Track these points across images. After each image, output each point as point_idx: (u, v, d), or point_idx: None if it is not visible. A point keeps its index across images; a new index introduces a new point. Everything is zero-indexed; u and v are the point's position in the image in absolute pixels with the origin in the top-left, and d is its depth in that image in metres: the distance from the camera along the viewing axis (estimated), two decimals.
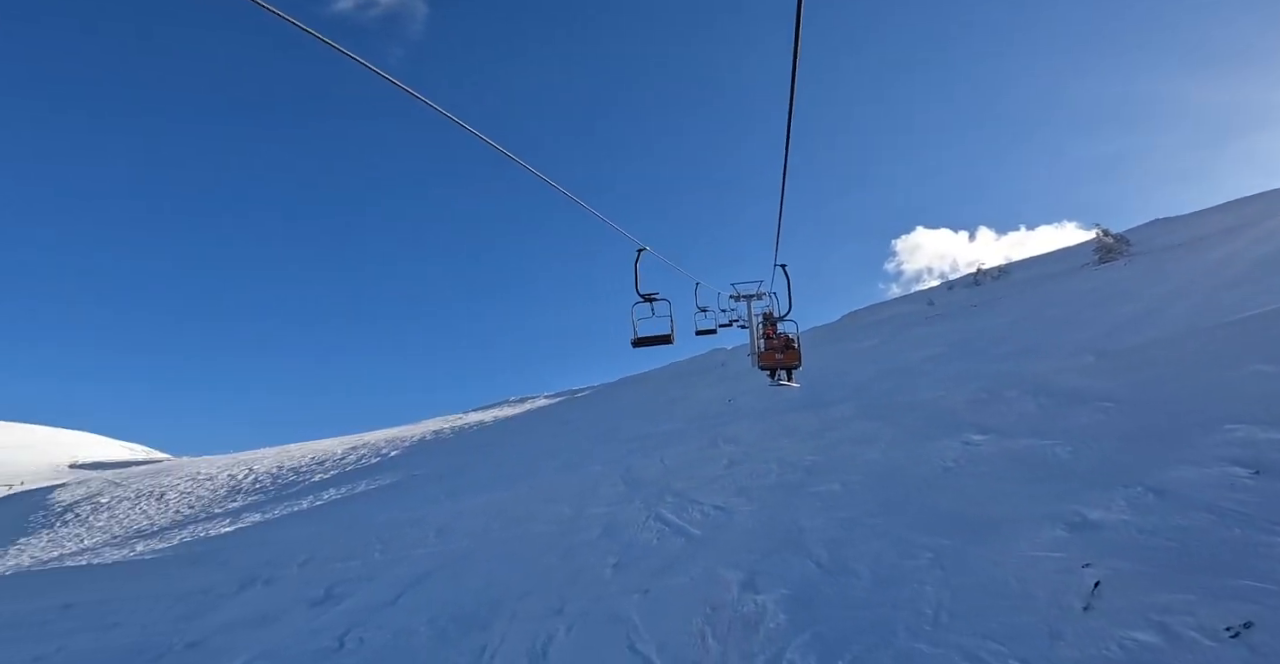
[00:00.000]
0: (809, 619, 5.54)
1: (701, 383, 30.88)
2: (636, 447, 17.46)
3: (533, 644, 6.30)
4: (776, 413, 16.35)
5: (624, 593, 7.19)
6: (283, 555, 14.05)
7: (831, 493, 8.58)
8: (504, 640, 6.53)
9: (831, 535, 7.11)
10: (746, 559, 7.15)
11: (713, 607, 6.28)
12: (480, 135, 3.56)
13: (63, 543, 27.99)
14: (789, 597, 6.02)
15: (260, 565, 13.56)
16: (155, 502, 35.59)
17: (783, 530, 7.73)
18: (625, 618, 6.47)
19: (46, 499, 39.80)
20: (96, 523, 31.95)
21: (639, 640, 5.95)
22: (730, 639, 5.65)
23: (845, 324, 47.96)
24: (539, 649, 6.16)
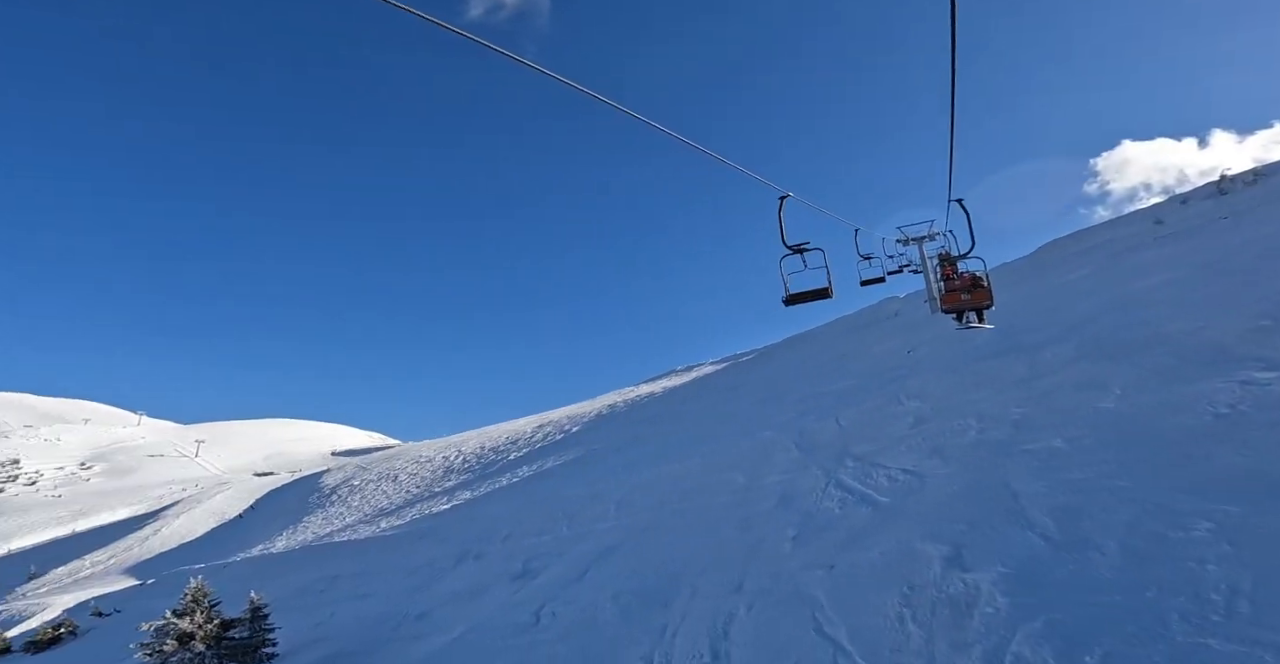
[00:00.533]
0: (1037, 603, 4.65)
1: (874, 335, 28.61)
2: (808, 408, 16.60)
3: (713, 623, 6.13)
4: (969, 361, 14.43)
5: (806, 568, 6.73)
6: (488, 531, 15.67)
7: (1051, 451, 7.22)
8: (684, 619, 6.46)
9: (1059, 502, 5.95)
10: (948, 530, 6.28)
11: (911, 585, 5.58)
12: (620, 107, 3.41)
13: (331, 520, 34.35)
14: (1008, 576, 5.13)
15: (471, 541, 15.26)
16: (391, 483, 42.08)
17: (991, 496, 6.66)
18: (809, 597, 6.03)
19: (318, 483, 48.97)
20: (353, 502, 38.70)
21: (826, 622, 5.49)
22: (935, 624, 4.95)
23: (1043, 256, 41.29)
24: (719, 629, 5.97)
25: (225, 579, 21.72)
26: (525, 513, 16.49)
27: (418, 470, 44.05)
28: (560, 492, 18.81)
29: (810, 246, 5.13)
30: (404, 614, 10.13)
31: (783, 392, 21.71)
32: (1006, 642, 4.40)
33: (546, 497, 18.49)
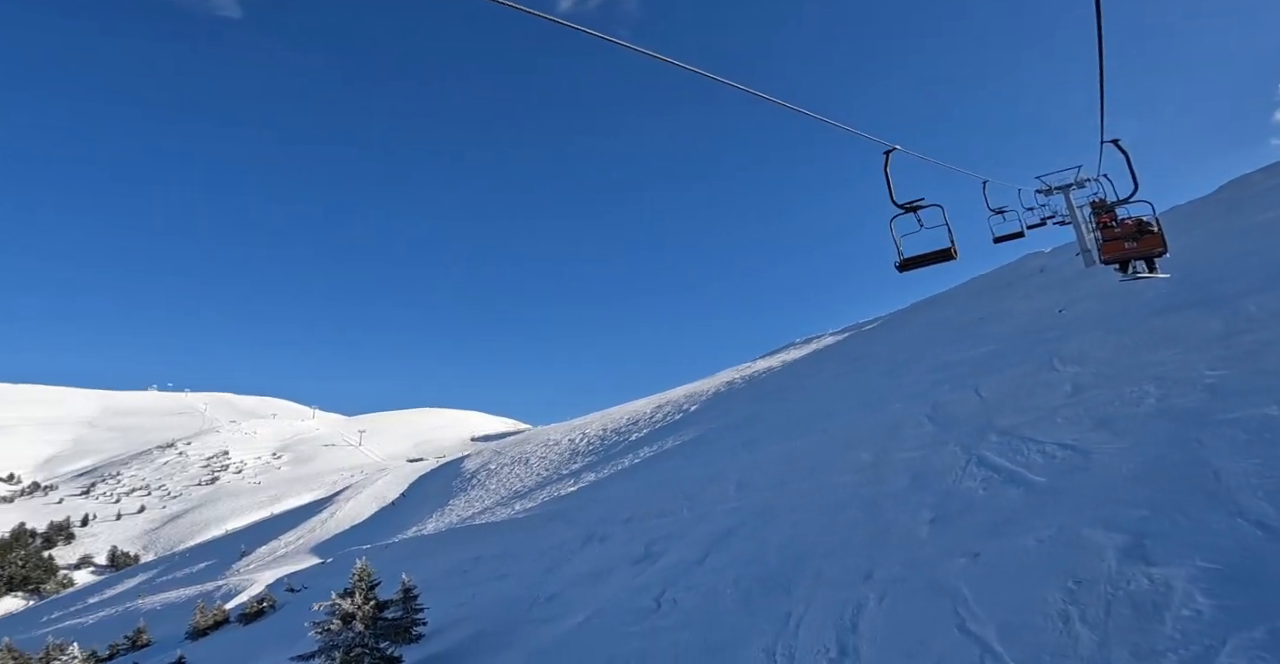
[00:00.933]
0: (1254, 607, 3.79)
1: (1014, 295, 25.62)
2: (942, 378, 15.19)
3: (840, 614, 5.70)
4: (1142, 318, 12.40)
5: (945, 556, 6.07)
6: (611, 513, 16.04)
7: (1264, 420, 5.92)
8: (809, 607, 6.08)
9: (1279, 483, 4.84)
10: (1124, 516, 5.35)
11: (1077, 580, 4.81)
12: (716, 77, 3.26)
13: (473, 503, 37.16)
14: (1212, 572, 4.24)
15: (596, 523, 15.70)
16: (523, 466, 44.65)
17: (1182, 475, 5.59)
18: (950, 588, 5.42)
19: (460, 467, 53.13)
20: (490, 485, 41.59)
21: (971, 618, 4.88)
22: (1112, 626, 4.21)
23: (1226, 196, 34.66)
24: (847, 620, 5.54)
25: (386, 559, 24.22)
26: (646, 494, 16.68)
27: (546, 453, 46.34)
28: (679, 472, 18.84)
29: (925, 203, 4.50)
30: (536, 596, 10.59)
31: (911, 361, 20.10)
32: (1213, 653, 3.63)
33: (666, 477, 18.60)
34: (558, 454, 44.67)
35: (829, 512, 8.88)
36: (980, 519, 6.62)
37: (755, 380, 37.01)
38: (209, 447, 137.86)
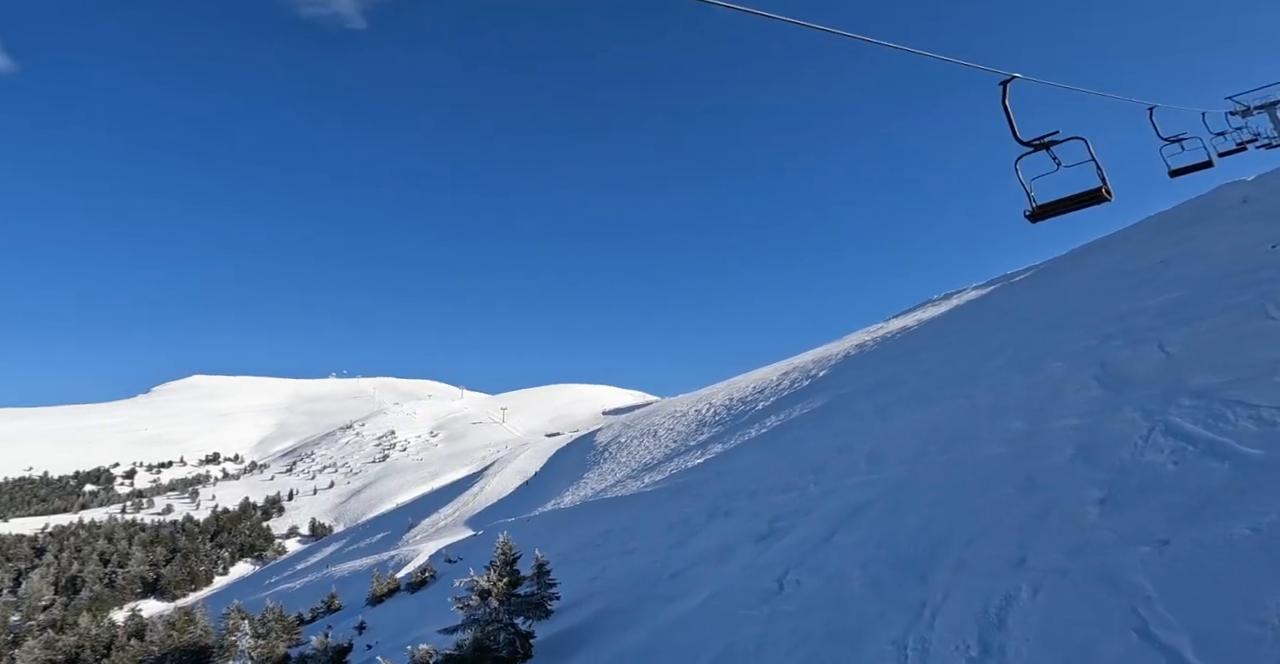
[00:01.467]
0: None
1: (1207, 233, 21.39)
2: (1114, 332, 13.08)
3: (984, 606, 5.05)
4: None
5: (1122, 543, 5.16)
6: (737, 487, 15.81)
7: None
8: (947, 597, 5.47)
9: None
10: None
11: None
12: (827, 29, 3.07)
13: (605, 476, 38.68)
14: None
15: (721, 496, 15.57)
16: (652, 438, 45.63)
17: None
18: (1127, 583, 4.58)
19: (593, 441, 55.51)
20: (621, 458, 43.02)
21: (1155, 622, 4.08)
22: None
23: None
24: (993, 614, 4.89)
25: (526, 532, 25.95)
26: (771, 467, 16.25)
27: (674, 425, 46.96)
28: (806, 442, 18.14)
29: (1061, 138, 3.65)
30: (661, 573, 10.68)
31: (1073, 313, 17.58)
32: None
33: (793, 448, 17.99)
34: (685, 425, 45.10)
35: (973, 489, 7.99)
36: (1169, 500, 5.55)
37: (888, 341, 34.64)
38: (379, 427, 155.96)
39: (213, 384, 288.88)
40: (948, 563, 6.17)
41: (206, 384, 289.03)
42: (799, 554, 8.27)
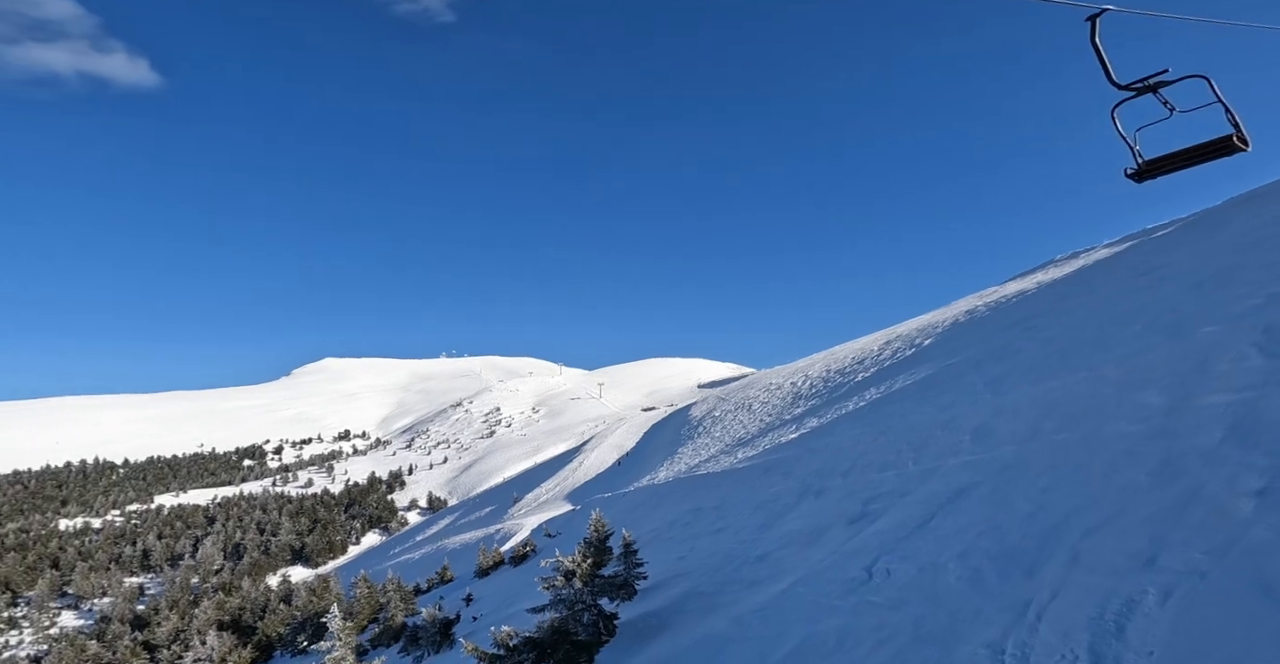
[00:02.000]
0: None
1: None
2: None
3: (1100, 610, 4.47)
4: None
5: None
6: (830, 464, 15.23)
7: None
8: (1056, 596, 4.90)
9: None
10: None
11: None
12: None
13: (699, 451, 38.76)
14: None
15: (813, 475, 15.07)
16: (746, 412, 45.11)
17: None
18: None
19: (688, 415, 55.74)
20: (715, 433, 42.90)
21: None
22: None
23: None
24: (1109, 620, 4.31)
25: (620, 509, 26.55)
26: (868, 443, 15.48)
27: (769, 398, 46.14)
28: (908, 417, 17.12)
29: (1172, 77, 2.88)
30: (747, 555, 10.51)
31: (1233, 268, 15.21)
32: None
33: (892, 423, 17.05)
34: (780, 399, 44.20)
35: (1097, 472, 7.13)
36: None
37: (1002, 307, 31.91)
38: (485, 404, 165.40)
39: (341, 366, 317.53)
40: (1060, 557, 5.54)
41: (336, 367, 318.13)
42: (892, 540, 7.79)
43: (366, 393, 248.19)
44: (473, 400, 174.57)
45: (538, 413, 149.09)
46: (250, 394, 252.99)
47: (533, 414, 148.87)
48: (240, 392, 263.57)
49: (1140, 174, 3.02)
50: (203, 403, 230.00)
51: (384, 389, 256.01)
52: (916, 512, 8.51)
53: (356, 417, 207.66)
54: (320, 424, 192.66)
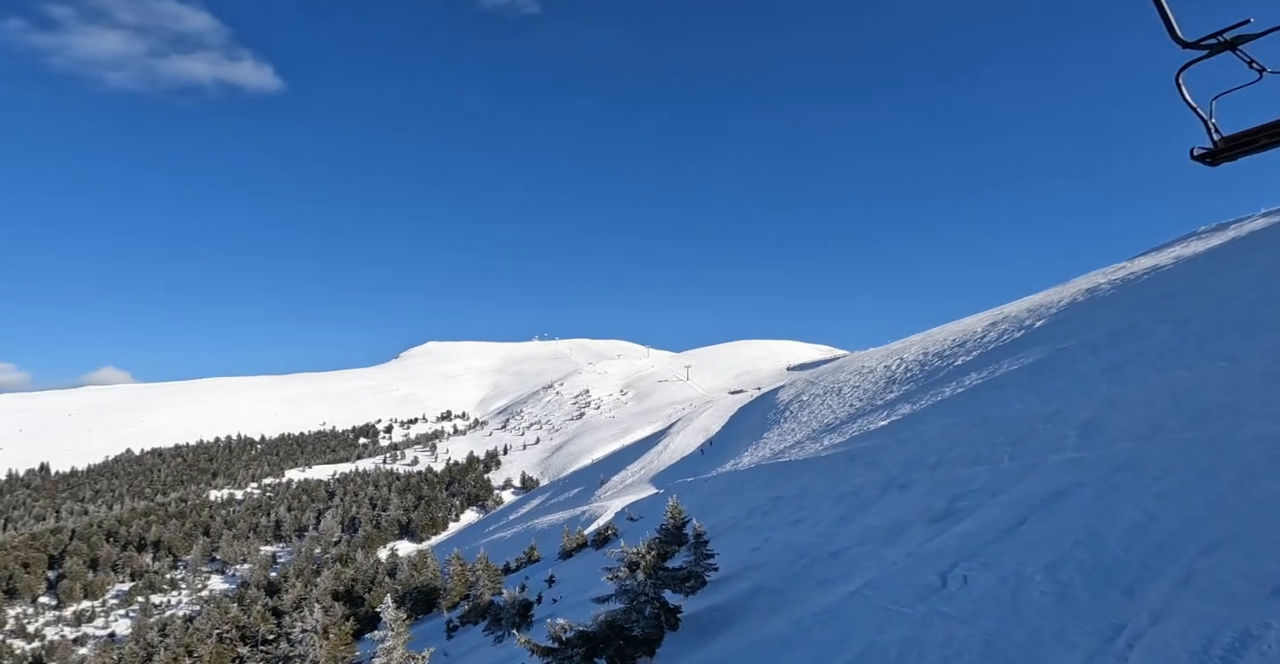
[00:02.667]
0: None
1: None
2: None
3: (1208, 641, 3.88)
4: None
5: None
6: (918, 456, 14.38)
7: None
8: (1156, 622, 4.31)
9: None
10: None
11: None
12: None
13: (785, 436, 37.93)
14: None
15: (899, 466, 14.28)
16: (836, 396, 43.60)
17: None
18: None
19: (774, 399, 54.71)
20: (802, 417, 41.81)
21: None
22: None
23: None
24: (1216, 657, 3.73)
25: (701, 495, 26.50)
26: (961, 434, 14.45)
27: (860, 382, 44.37)
28: (1009, 407, 15.84)
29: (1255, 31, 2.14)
30: (822, 550, 10.13)
31: None
32: None
33: (990, 413, 15.83)
34: (872, 383, 42.43)
35: (1228, 480, 6.24)
36: None
37: (1130, 284, 28.72)
38: (575, 386, 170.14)
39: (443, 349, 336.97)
40: (1169, 576, 4.88)
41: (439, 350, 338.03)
42: (975, 544, 7.21)
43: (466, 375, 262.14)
44: (563, 383, 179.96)
45: (625, 395, 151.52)
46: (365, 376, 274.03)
47: (621, 396, 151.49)
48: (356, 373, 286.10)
49: (1216, 155, 2.34)
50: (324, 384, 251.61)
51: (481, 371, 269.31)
52: (1006, 513, 7.82)
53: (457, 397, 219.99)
54: (425, 405, 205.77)
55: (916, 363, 40.57)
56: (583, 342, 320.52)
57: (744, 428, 51.34)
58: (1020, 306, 40.25)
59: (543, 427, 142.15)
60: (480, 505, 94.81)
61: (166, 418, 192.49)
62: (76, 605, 71.74)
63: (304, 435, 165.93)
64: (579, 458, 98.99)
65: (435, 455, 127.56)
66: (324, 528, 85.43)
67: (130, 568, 78.80)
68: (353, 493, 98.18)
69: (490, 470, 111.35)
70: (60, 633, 65.12)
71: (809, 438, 31.81)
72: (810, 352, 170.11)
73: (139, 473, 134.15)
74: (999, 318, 39.48)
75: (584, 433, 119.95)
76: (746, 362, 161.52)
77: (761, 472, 24.50)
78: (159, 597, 73.88)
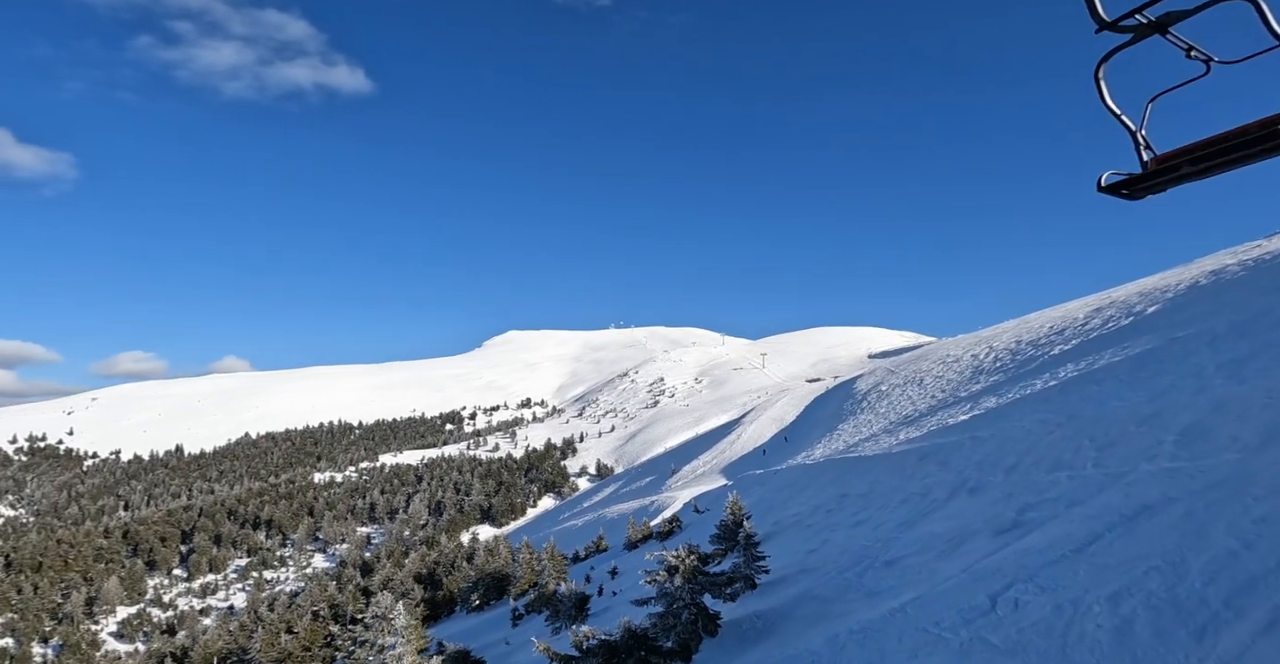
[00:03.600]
0: None
1: None
2: None
3: None
4: None
5: None
6: (994, 456, 13.41)
7: None
8: None
9: None
10: None
11: None
12: None
13: (860, 429, 36.53)
14: None
15: (972, 468, 13.38)
16: (916, 387, 41.54)
17: None
18: None
19: (852, 389, 52.84)
20: (879, 409, 40.12)
21: None
22: None
23: None
24: None
25: (770, 488, 25.97)
26: (1045, 434, 13.32)
27: (943, 372, 42.13)
28: (1105, 404, 14.45)
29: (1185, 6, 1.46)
30: (877, 557, 9.65)
31: None
32: None
33: (1081, 411, 14.50)
34: (956, 373, 40.20)
35: None
36: None
37: (1264, 266, 25.49)
38: (650, 374, 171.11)
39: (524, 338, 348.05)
40: (1252, 618, 4.25)
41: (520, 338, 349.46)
42: (1037, 563, 6.60)
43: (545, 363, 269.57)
44: (638, 370, 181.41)
45: (700, 383, 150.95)
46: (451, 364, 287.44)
47: (695, 384, 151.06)
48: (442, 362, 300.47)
49: (1139, 182, 1.72)
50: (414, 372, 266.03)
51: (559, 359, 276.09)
52: (1079, 529, 7.12)
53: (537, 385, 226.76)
54: (507, 392, 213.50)
55: (1007, 352, 38.04)
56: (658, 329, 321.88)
57: (819, 418, 49.92)
58: (1131, 290, 36.80)
59: (617, 414, 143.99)
60: (557, 492, 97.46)
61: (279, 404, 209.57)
62: (203, 578, 79.93)
63: (396, 421, 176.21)
64: (652, 446, 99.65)
65: (515, 442, 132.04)
66: (413, 511, 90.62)
67: (247, 544, 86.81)
68: (439, 478, 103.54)
69: (566, 457, 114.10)
70: (189, 604, 72.84)
71: (885, 431, 30.51)
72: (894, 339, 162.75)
73: (255, 455, 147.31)
74: (1105, 303, 36.29)
75: (658, 421, 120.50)
76: (825, 349, 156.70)
77: (831, 466, 23.69)
78: (270, 572, 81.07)
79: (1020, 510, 8.90)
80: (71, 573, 72.66)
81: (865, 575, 8.97)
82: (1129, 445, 9.79)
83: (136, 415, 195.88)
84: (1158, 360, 17.46)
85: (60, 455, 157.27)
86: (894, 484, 15.74)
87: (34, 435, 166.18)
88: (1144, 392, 14.03)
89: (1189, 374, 14.11)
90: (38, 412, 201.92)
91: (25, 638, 59.68)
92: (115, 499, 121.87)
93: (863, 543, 11.27)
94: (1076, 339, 31.27)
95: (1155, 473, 8.11)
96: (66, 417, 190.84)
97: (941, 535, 9.45)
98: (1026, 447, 12.84)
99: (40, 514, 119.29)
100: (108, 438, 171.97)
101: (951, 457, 15.60)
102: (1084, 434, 11.62)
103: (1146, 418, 10.80)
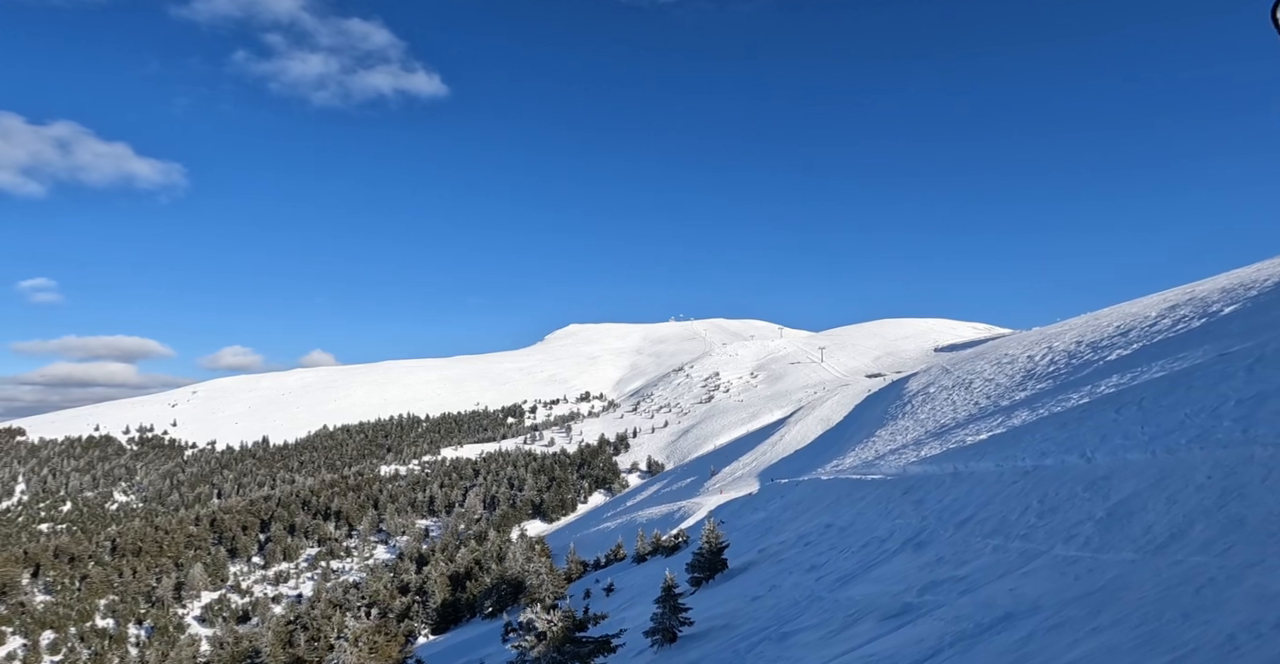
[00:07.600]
0: None
1: None
2: None
3: None
4: None
5: None
6: (960, 502, 12.47)
7: None
8: None
9: None
10: None
11: None
12: None
13: (895, 437, 34.92)
14: None
15: (934, 515, 12.48)
16: (964, 391, 39.28)
17: None
18: None
19: (903, 389, 50.62)
20: (920, 414, 38.21)
21: None
22: None
23: None
24: None
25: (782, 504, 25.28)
26: (1010, 481, 12.19)
27: (994, 375, 39.78)
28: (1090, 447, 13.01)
29: None
30: (787, 621, 9.18)
31: None
32: None
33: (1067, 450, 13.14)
34: (1006, 377, 37.88)
35: None
36: None
37: None
38: (705, 369, 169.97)
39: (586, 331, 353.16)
40: None
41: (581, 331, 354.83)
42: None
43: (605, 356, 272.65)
44: (693, 365, 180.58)
45: (756, 377, 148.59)
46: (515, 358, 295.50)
47: (751, 379, 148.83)
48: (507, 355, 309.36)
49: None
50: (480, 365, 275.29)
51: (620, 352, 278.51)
52: (935, 634, 6.46)
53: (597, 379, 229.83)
54: (568, 385, 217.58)
55: (1065, 353, 35.51)
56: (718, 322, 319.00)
57: (863, 421, 48.15)
58: (1212, 286, 33.38)
59: (671, 410, 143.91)
60: (607, 488, 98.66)
61: (356, 397, 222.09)
62: (278, 566, 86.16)
63: (460, 415, 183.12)
64: (704, 443, 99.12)
65: (570, 437, 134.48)
66: (468, 505, 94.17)
67: (318, 534, 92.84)
68: (494, 472, 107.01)
69: (619, 453, 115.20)
70: (264, 591, 78.77)
71: (914, 442, 29.05)
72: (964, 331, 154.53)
73: (331, 447, 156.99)
74: (1183, 299, 33.14)
75: (711, 417, 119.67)
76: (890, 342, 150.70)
77: (836, 486, 22.77)
78: (337, 562, 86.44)
79: (923, 589, 8.21)
80: (165, 558, 79.99)
81: (757, 648, 8.53)
82: (1064, 515, 8.79)
83: (230, 408, 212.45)
84: (1187, 385, 15.50)
85: (165, 445, 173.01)
86: (871, 520, 14.92)
87: (144, 426, 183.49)
88: (1142, 433, 12.54)
89: (1202, 411, 12.35)
90: (148, 404, 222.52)
91: (123, 619, 66.30)
92: (210, 488, 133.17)
93: (796, 597, 10.77)
94: (1139, 342, 28.80)
95: (1057, 562, 7.24)
96: (171, 409, 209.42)
97: (856, 603, 8.85)
98: (988, 496, 11.84)
99: (147, 500, 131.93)
100: (205, 429, 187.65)
101: (929, 494, 14.61)
102: (1042, 489, 10.54)
103: (1097, 480, 9.62)
